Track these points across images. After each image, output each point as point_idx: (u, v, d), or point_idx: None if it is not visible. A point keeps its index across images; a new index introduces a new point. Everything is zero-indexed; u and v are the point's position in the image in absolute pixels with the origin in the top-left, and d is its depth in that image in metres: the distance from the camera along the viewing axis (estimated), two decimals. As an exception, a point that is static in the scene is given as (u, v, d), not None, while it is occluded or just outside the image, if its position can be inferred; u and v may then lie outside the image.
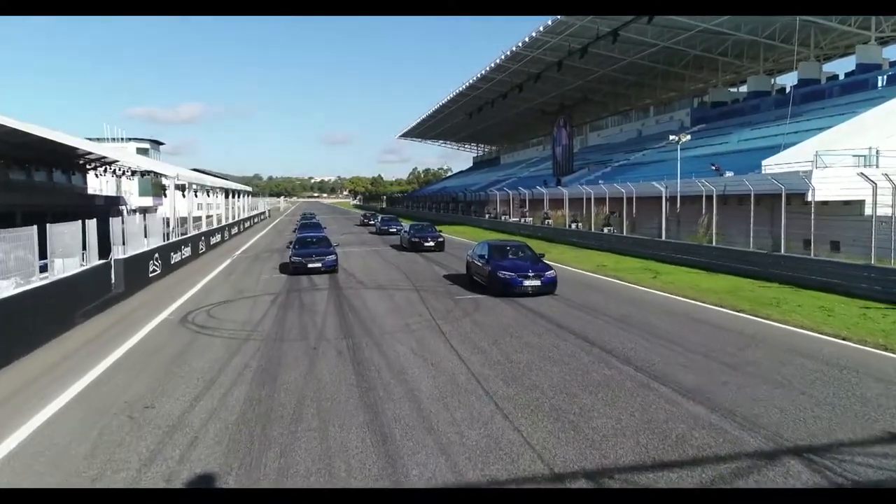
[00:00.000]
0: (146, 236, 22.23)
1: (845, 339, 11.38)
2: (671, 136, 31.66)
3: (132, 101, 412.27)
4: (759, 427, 7.16)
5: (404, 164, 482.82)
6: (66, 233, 15.20)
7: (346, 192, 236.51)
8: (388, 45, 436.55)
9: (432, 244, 29.81)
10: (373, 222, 53.92)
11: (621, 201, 33.49)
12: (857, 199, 26.91)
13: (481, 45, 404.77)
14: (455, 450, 6.66)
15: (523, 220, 44.54)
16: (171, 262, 23.86)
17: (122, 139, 71.29)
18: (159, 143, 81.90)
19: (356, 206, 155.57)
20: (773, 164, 29.91)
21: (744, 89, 56.14)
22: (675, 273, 21.01)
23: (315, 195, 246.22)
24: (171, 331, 13.14)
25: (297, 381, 9.20)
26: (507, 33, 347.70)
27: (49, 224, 13.39)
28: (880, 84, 37.32)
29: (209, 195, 40.77)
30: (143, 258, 20.26)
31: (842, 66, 49.17)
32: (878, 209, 16.82)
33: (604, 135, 70.96)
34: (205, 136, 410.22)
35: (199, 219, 34.88)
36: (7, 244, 11.42)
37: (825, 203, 24.72)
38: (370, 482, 5.97)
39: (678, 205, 29.27)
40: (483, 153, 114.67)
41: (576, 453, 6.54)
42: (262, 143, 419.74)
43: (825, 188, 25.14)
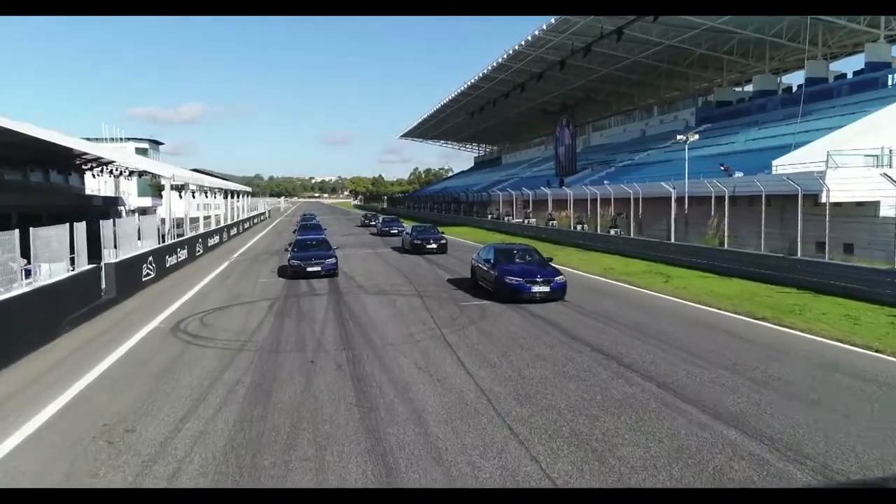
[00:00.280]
0: (140, 239, 21.59)
1: (878, 352, 10.66)
2: (678, 136, 30.97)
3: (133, 101, 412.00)
4: (804, 457, 6.44)
5: (405, 164, 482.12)
6: (52, 236, 14.51)
7: (346, 193, 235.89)
8: (388, 45, 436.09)
9: (435, 246, 29.09)
10: (374, 223, 53.24)
11: (627, 202, 32.78)
12: (870, 200, 26.33)
13: (482, 45, 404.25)
14: (468, 486, 5.97)
15: (527, 221, 43.82)
16: (167, 265, 23.17)
17: (121, 139, 70.76)
18: (158, 143, 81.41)
19: (357, 207, 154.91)
20: (784, 165, 29.24)
21: (749, 89, 55.53)
22: (686, 277, 20.29)
23: (316, 195, 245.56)
24: (161, 340, 12.45)
25: (293, 400, 8.50)
26: (508, 33, 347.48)
27: (32, 228, 12.72)
28: (890, 82, 36.62)
29: (207, 196, 40.05)
30: (137, 262, 19.56)
31: (849, 65, 48.57)
32: (898, 211, 16.13)
33: (607, 134, 70.27)
34: (206, 137, 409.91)
35: (196, 220, 34.14)
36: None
37: (838, 204, 24.06)
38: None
39: (686, 206, 28.59)
40: (484, 153, 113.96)
41: (602, 489, 5.84)
42: (263, 144, 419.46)
43: (839, 189, 24.45)
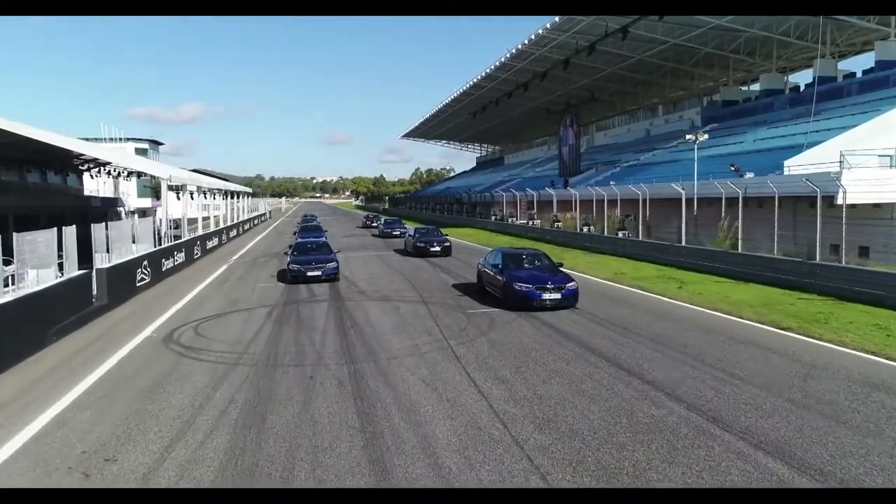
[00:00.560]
0: (135, 242, 20.91)
1: (918, 367, 9.98)
2: (687, 136, 30.24)
3: (133, 101, 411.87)
4: (863, 496, 5.75)
5: (406, 164, 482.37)
6: (39, 241, 13.84)
7: (347, 193, 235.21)
8: (389, 45, 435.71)
9: (438, 249, 28.36)
10: (375, 224, 52.58)
11: (634, 203, 32.06)
12: (887, 202, 25.63)
13: (483, 44, 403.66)
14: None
15: (531, 222, 43.08)
16: (163, 268, 22.48)
17: (121, 139, 70.12)
18: (158, 143, 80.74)
19: (358, 207, 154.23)
20: (797, 165, 28.52)
21: (755, 87, 54.82)
22: (700, 282, 19.56)
23: (317, 195, 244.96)
24: (152, 352, 11.75)
25: (290, 424, 7.80)
26: (510, 33, 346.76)
27: (16, 233, 12.03)
28: (901, 81, 35.89)
29: (206, 197, 39.34)
30: (130, 266, 18.86)
31: (857, 64, 47.70)
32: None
33: (610, 134, 69.55)
34: (206, 137, 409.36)
35: (195, 220, 33.43)
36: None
37: (853, 206, 23.46)
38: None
39: (695, 207, 27.88)
40: (486, 153, 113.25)
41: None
42: (264, 144, 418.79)
43: (855, 190, 23.78)
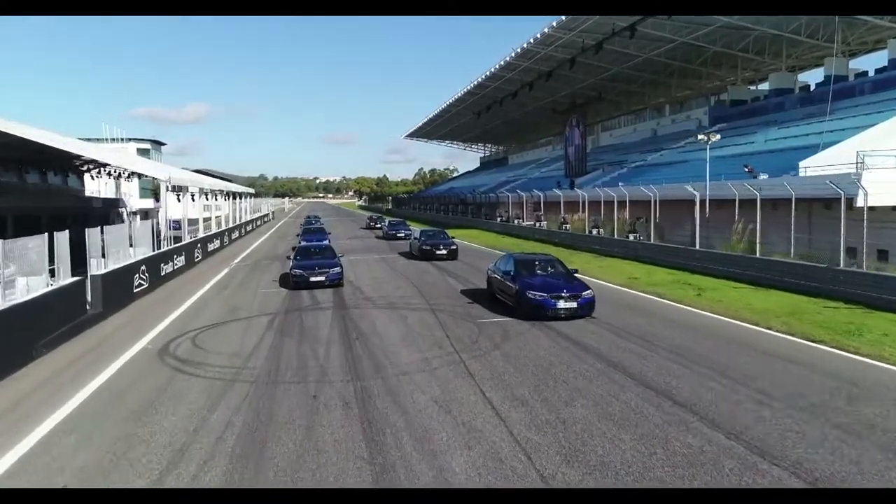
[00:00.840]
0: (133, 246, 20.27)
1: (969, 386, 9.25)
2: (699, 136, 29.50)
3: (137, 101, 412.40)
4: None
5: (410, 164, 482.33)
6: (29, 247, 13.23)
7: (351, 193, 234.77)
8: (392, 45, 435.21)
9: (444, 252, 27.65)
10: (379, 226, 51.94)
11: (644, 205, 31.35)
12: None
13: (487, 44, 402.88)
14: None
15: (538, 224, 42.33)
16: (161, 273, 21.83)
17: (122, 139, 69.65)
18: (160, 143, 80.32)
19: (361, 207, 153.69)
20: (813, 166, 27.72)
21: (763, 87, 54.08)
22: (718, 288, 18.82)
23: (320, 196, 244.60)
24: (145, 367, 11.07)
25: (292, 454, 7.09)
26: (516, 33, 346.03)
27: (1, 240, 11.38)
28: (916, 80, 35.16)
29: (208, 198, 38.73)
30: (127, 272, 18.19)
31: (869, 62, 46.77)
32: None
33: (616, 134, 68.78)
34: (210, 137, 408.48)
35: (195, 221, 32.78)
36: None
37: (872, 209, 22.77)
38: None
39: (707, 209, 27.16)
40: (490, 153, 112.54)
41: None
42: (268, 144, 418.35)
43: (874, 192, 23.04)
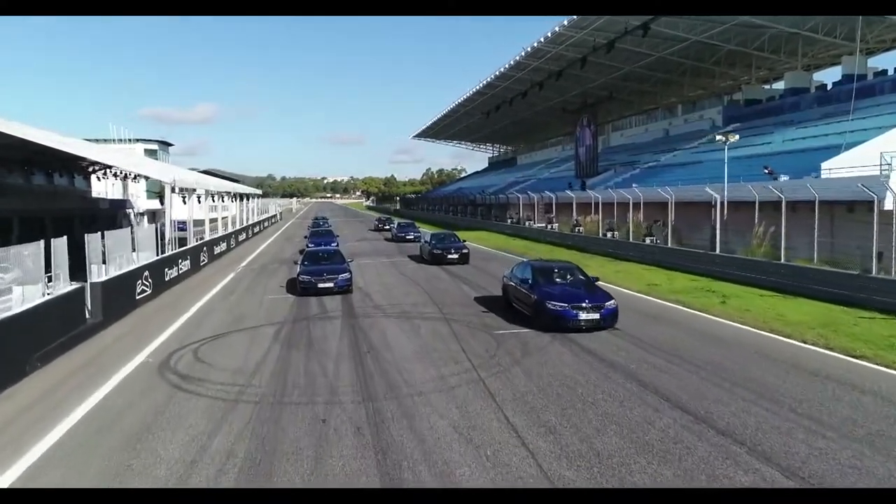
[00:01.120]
0: (135, 250, 19.67)
1: None
2: (717, 137, 28.65)
3: (146, 102, 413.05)
4: None
5: (417, 164, 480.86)
6: (25, 254, 12.61)
7: (358, 193, 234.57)
8: (400, 46, 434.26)
9: (456, 256, 26.88)
10: (388, 228, 51.30)
11: (658, 207, 30.59)
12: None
13: (496, 45, 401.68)
14: None
15: (550, 226, 41.52)
16: (166, 278, 21.25)
17: (130, 140, 69.41)
18: (168, 144, 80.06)
19: (369, 208, 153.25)
20: (836, 168, 26.83)
21: (777, 86, 53.16)
22: (743, 296, 18.01)
23: (328, 196, 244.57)
24: (144, 383, 10.42)
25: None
26: (523, 33, 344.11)
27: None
28: (938, 79, 34.20)
29: (214, 199, 38.17)
30: (130, 278, 17.60)
31: (887, 61, 45.92)
32: None
33: (627, 134, 67.89)
34: (218, 137, 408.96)
35: (202, 222, 32.23)
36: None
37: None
38: None
39: (725, 212, 26.34)
40: (499, 153, 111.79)
41: None
42: (276, 144, 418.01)
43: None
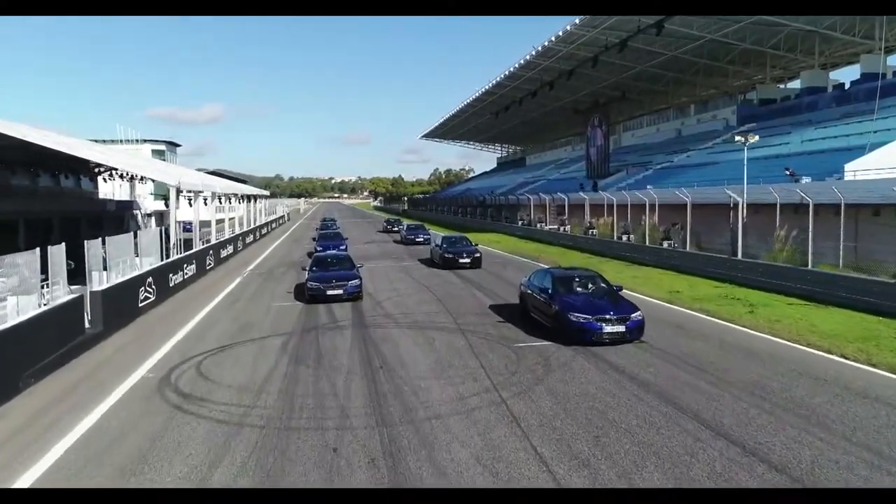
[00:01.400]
0: (139, 255, 19.04)
1: None
2: (737, 137, 27.77)
3: (155, 102, 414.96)
4: None
5: (425, 164, 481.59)
6: (20, 263, 11.99)
7: (366, 193, 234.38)
8: (408, 46, 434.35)
9: (468, 261, 26.08)
10: (397, 229, 50.63)
11: (674, 209, 29.72)
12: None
13: (505, 44, 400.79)
14: None
15: (562, 228, 40.66)
16: (170, 284, 20.64)
17: (137, 141, 69.08)
18: (175, 144, 79.66)
19: (376, 208, 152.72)
20: (861, 170, 25.90)
21: (792, 85, 52.21)
22: (771, 304, 17.15)
23: (335, 196, 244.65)
24: (143, 403, 9.74)
25: (308, 542, 5.74)
26: (531, 33, 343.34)
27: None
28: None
29: (221, 201, 37.60)
30: (132, 285, 16.98)
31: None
32: None
33: (639, 135, 66.90)
34: (226, 137, 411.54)
35: (208, 223, 31.62)
36: None
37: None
38: None
39: (744, 215, 25.48)
40: (507, 153, 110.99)
41: None
42: (283, 144, 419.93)
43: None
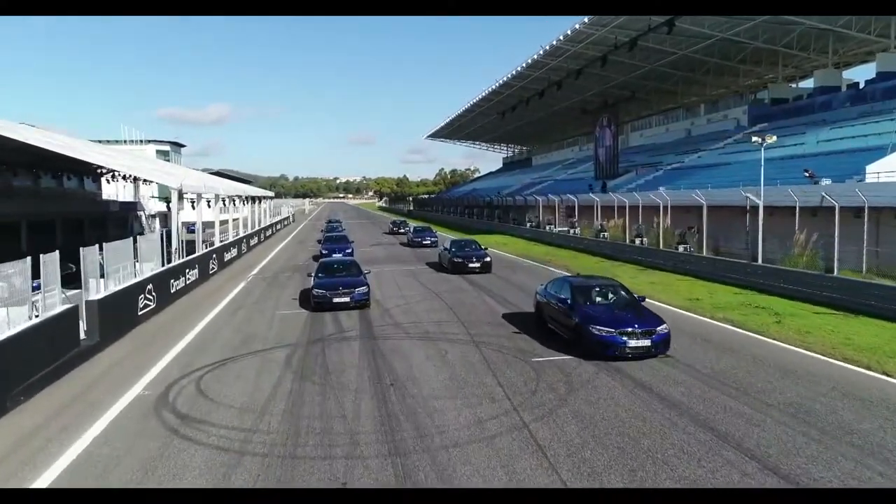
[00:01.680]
0: (139, 261, 18.42)
1: None
2: (754, 138, 26.99)
3: (160, 102, 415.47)
4: None
5: (430, 164, 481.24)
6: (10, 272, 11.36)
7: (371, 193, 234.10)
8: (413, 46, 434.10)
9: (478, 265, 25.38)
10: (403, 231, 49.98)
11: (687, 211, 29.01)
12: None
13: (510, 44, 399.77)
14: None
15: (572, 230, 39.89)
16: (172, 290, 20.01)
17: (141, 141, 68.69)
18: (180, 145, 79.23)
19: (381, 208, 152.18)
20: (885, 172, 25.05)
21: (804, 84, 51.29)
22: (798, 314, 16.37)
23: (340, 196, 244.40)
24: (137, 426, 9.08)
25: None
26: (536, 33, 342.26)
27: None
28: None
29: (225, 203, 37.02)
30: (131, 292, 16.33)
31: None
32: None
33: (647, 135, 66.04)
34: (231, 137, 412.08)
35: (212, 224, 31.02)
36: None
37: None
38: None
39: (760, 218, 24.74)
40: (514, 154, 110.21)
41: None
42: (288, 144, 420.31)
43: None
